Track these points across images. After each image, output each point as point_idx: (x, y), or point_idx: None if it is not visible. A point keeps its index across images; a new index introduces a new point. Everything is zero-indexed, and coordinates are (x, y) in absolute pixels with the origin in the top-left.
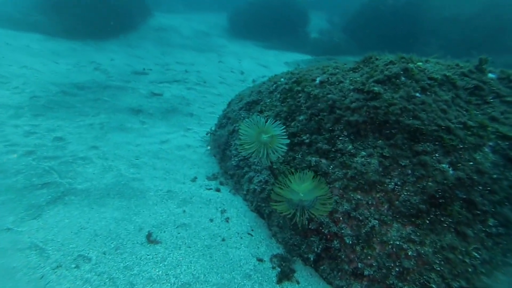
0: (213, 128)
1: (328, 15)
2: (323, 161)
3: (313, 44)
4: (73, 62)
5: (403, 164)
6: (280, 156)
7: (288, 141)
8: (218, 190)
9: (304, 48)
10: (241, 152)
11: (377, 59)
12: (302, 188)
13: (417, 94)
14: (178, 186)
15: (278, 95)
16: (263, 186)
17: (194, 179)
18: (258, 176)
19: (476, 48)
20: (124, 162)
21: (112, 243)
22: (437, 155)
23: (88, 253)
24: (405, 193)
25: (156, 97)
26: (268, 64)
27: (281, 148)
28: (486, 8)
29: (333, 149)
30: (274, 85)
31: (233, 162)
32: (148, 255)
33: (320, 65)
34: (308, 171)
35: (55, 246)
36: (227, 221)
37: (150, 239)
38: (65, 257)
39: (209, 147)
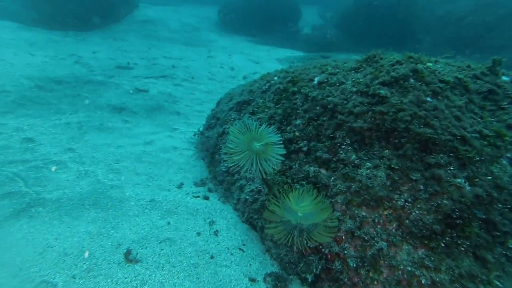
0: (201, 129)
1: (319, 10)
2: (323, 171)
3: (305, 40)
4: (51, 54)
5: (414, 178)
6: (274, 168)
7: (284, 151)
8: (206, 198)
9: (296, 44)
10: (228, 162)
11: (381, 58)
12: (301, 208)
13: (428, 99)
14: (163, 194)
15: (272, 96)
16: (256, 196)
17: (180, 186)
18: (250, 184)
19: (468, 46)
20: (102, 167)
21: (84, 264)
22: (452, 168)
23: (54, 278)
24: (417, 211)
25: (141, 94)
26: (260, 60)
27: (276, 159)
28: (479, 6)
29: (334, 159)
30: (267, 84)
31: (222, 167)
32: (125, 277)
33: (317, 63)
34: (307, 185)
35: (10, 271)
36: (216, 235)
37: (129, 257)
38: (23, 285)
39: (197, 150)
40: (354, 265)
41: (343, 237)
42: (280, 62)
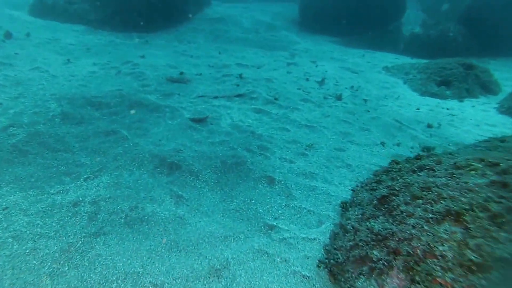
0: (337, 256)
1: (421, 2)
2: None
3: (411, 41)
4: (103, 61)
5: None
6: None
7: None
8: None
9: (397, 46)
10: None
11: None
12: None
13: None
14: None
15: None
16: None
17: None
18: None
19: None
20: None
21: None
22: None
23: None
24: None
25: (207, 129)
26: (358, 68)
27: None
28: None
29: None
30: None
31: None
32: None
33: None
34: None
35: None
36: None
37: None
38: None
39: None
40: None
41: None
42: (389, 72)
